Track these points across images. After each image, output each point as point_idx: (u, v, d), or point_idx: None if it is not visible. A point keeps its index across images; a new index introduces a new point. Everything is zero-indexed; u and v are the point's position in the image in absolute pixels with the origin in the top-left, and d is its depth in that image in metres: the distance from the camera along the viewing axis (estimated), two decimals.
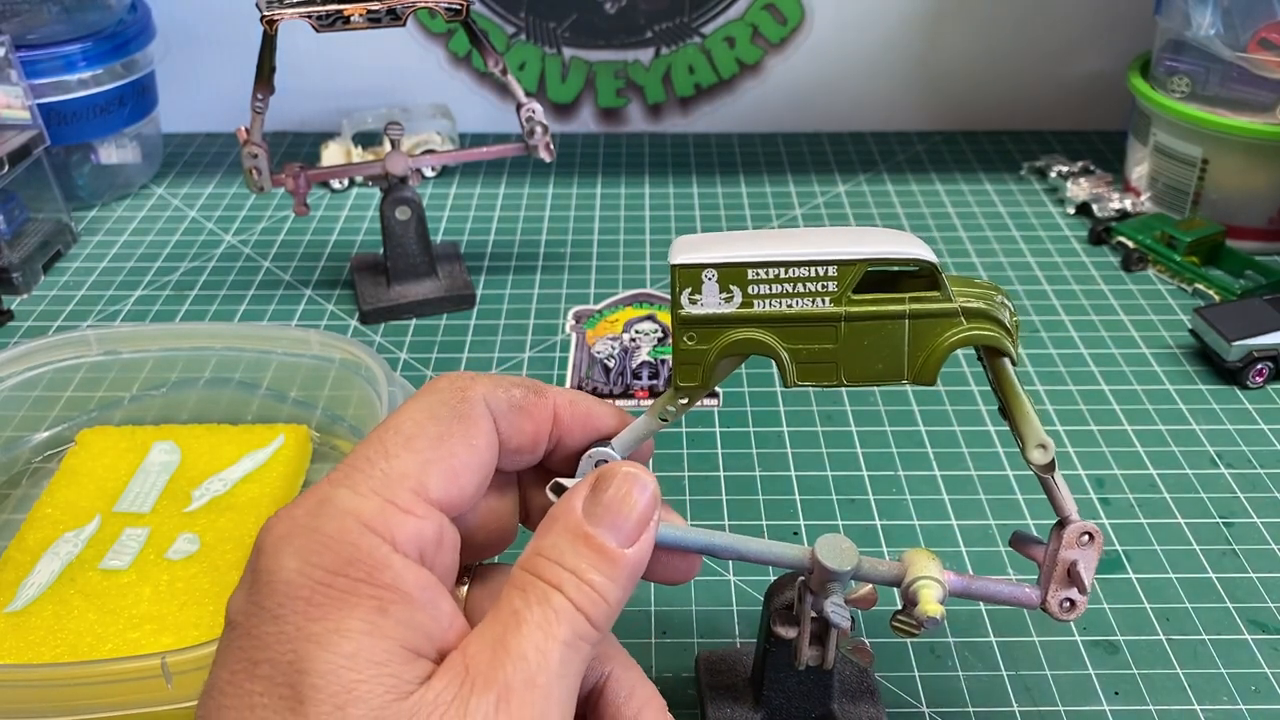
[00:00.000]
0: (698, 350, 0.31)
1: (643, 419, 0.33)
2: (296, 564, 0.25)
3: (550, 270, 0.76)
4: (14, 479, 0.56)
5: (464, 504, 0.29)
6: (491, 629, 0.27)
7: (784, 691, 0.40)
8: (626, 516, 0.29)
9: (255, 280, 0.74)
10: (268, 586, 0.25)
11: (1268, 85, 0.72)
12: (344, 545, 0.26)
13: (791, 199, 0.85)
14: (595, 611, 0.28)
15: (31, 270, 0.74)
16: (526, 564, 0.28)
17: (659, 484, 0.30)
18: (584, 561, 0.28)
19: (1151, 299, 0.71)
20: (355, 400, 0.56)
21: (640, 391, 0.63)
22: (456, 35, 0.92)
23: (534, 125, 0.68)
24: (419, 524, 0.27)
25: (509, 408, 0.31)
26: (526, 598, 0.27)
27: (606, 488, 0.29)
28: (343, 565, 0.25)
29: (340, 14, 0.60)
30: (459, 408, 0.30)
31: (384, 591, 0.25)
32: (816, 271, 0.30)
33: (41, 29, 0.79)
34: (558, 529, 0.29)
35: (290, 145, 0.93)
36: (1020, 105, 0.95)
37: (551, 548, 0.28)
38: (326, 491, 0.27)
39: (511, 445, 0.31)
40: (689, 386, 0.32)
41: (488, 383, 0.31)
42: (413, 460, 0.28)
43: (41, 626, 0.46)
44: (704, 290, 0.30)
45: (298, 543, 0.26)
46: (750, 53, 0.93)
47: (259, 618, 0.25)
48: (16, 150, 0.72)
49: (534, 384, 0.32)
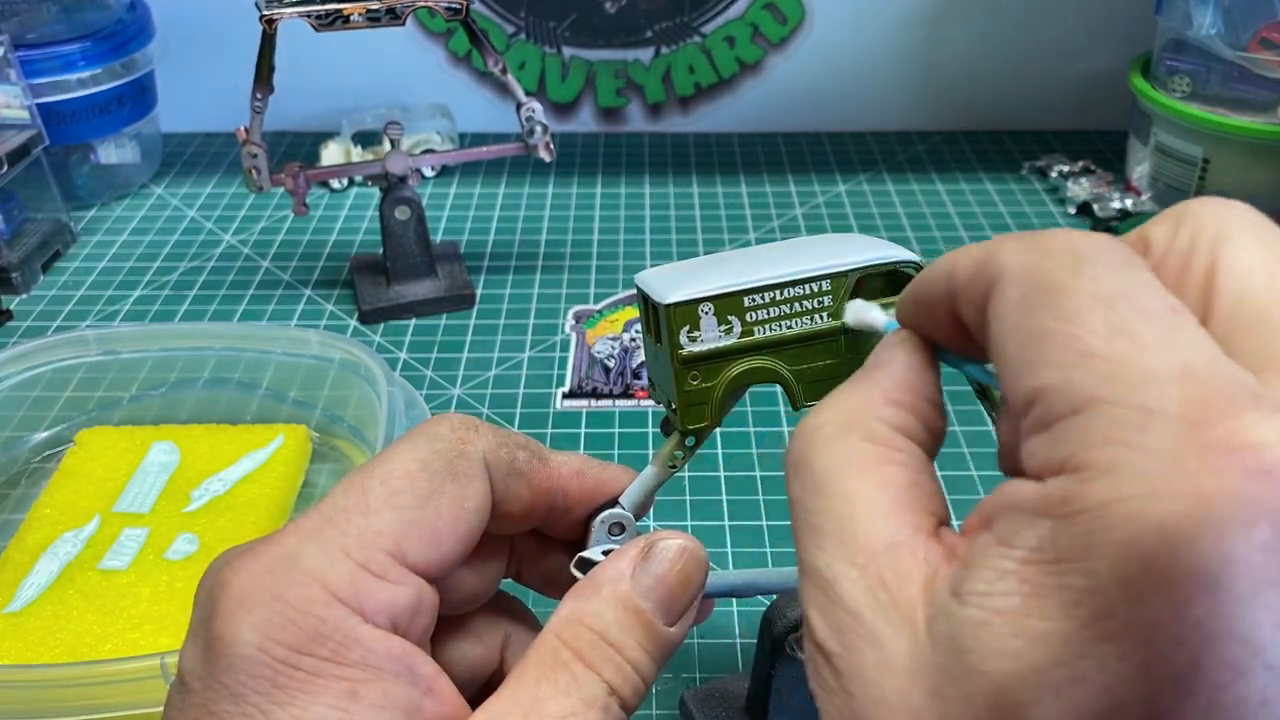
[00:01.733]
0: (703, 389, 0.30)
1: (650, 470, 0.31)
2: (256, 638, 0.23)
3: (550, 270, 0.75)
4: (13, 479, 0.56)
5: (445, 569, 0.26)
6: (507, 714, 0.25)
7: (789, 713, 0.40)
8: (678, 593, 0.27)
9: (254, 280, 0.74)
10: (225, 660, 0.23)
11: (1268, 85, 0.72)
12: (308, 619, 0.23)
13: (792, 199, 0.85)
14: (631, 695, 0.25)
15: (30, 270, 0.74)
16: (563, 633, 0.26)
17: None
18: (630, 638, 0.26)
19: None
20: (355, 400, 0.56)
21: (640, 391, 0.63)
22: (456, 35, 0.92)
23: (534, 125, 0.67)
24: (392, 591, 0.25)
25: (509, 470, 0.28)
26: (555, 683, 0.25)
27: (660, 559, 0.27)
28: (307, 643, 0.23)
29: (340, 13, 0.60)
30: (455, 463, 0.27)
31: (353, 671, 0.24)
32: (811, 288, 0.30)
33: (40, 28, 0.79)
34: (603, 597, 0.26)
35: (290, 145, 0.93)
36: (1021, 104, 0.95)
37: (595, 616, 0.26)
38: (294, 547, 0.25)
39: (503, 510, 0.28)
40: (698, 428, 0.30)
41: (491, 439, 0.28)
42: (394, 518, 0.25)
43: (40, 627, 0.45)
44: (702, 325, 0.29)
45: (259, 613, 0.23)
46: (751, 52, 0.93)
47: (216, 691, 0.23)
48: (15, 150, 0.72)
49: (539, 449, 0.29)
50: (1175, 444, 0.16)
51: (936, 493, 0.21)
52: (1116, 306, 0.17)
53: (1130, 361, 0.17)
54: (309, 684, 0.23)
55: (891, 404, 0.22)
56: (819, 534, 0.20)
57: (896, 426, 0.22)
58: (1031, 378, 0.18)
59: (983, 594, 0.17)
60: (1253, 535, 0.15)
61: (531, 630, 0.31)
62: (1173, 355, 0.17)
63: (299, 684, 0.23)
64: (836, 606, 0.19)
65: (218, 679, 0.23)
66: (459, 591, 0.29)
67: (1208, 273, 0.19)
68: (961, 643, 0.17)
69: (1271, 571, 0.15)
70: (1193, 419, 0.16)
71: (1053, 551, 0.16)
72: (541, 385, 0.64)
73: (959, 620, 0.17)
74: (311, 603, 0.24)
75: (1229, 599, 0.15)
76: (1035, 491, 0.17)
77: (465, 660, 0.30)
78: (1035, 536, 0.17)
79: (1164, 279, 0.19)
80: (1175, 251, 0.20)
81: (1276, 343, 0.18)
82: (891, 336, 0.24)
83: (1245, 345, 0.18)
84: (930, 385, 0.23)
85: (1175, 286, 0.19)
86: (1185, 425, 0.16)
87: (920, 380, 0.23)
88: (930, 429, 0.22)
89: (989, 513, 0.18)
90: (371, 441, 0.52)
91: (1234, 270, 0.19)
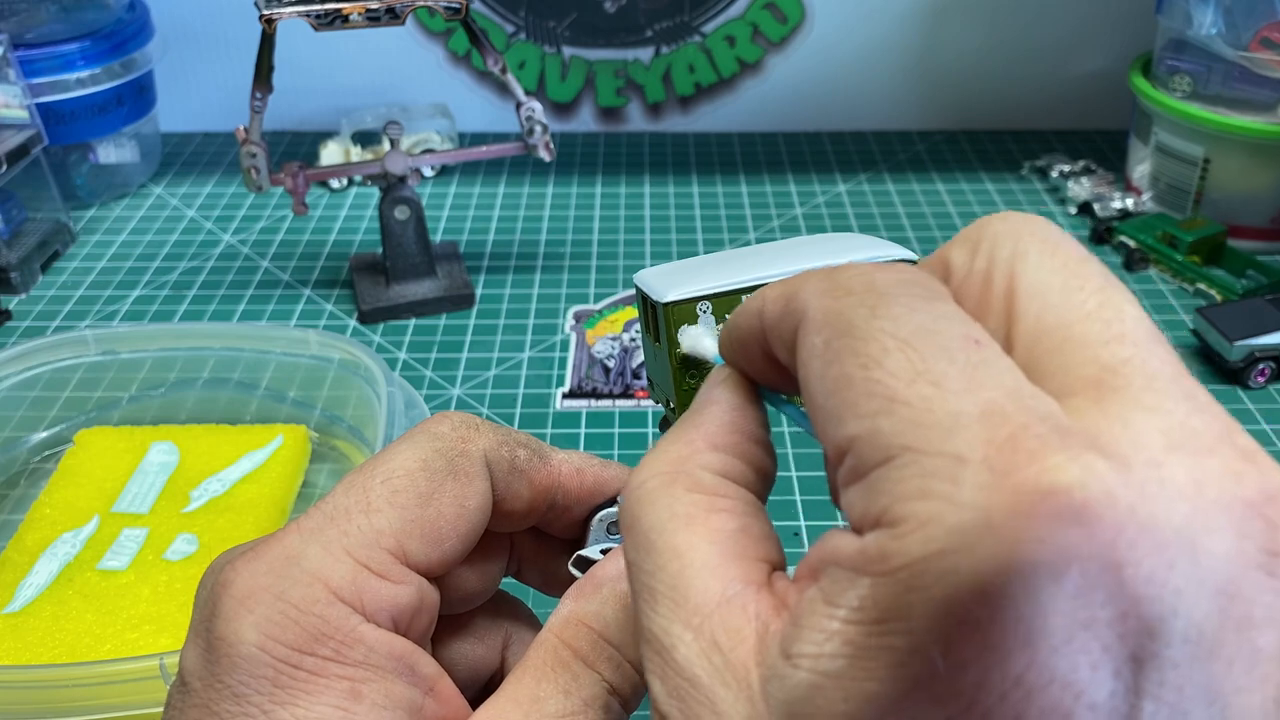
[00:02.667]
0: None
1: None
2: (258, 638, 0.23)
3: (550, 270, 0.75)
4: (12, 479, 0.56)
5: (445, 567, 0.26)
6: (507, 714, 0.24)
7: None
8: None
9: (254, 280, 0.74)
10: (227, 659, 0.23)
11: (1269, 84, 0.71)
12: (310, 618, 0.23)
13: (792, 199, 0.85)
14: (632, 696, 0.25)
15: (30, 270, 0.74)
16: (563, 632, 0.26)
17: None
18: (630, 637, 0.25)
19: (1153, 299, 0.71)
20: (354, 400, 0.56)
21: (640, 391, 0.62)
22: (456, 34, 0.92)
23: (533, 124, 0.67)
24: (394, 590, 0.25)
25: (510, 469, 0.28)
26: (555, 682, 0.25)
27: None
28: (309, 642, 0.23)
29: (339, 13, 0.60)
30: (456, 462, 0.27)
31: (355, 670, 0.23)
32: None
33: (39, 28, 0.79)
34: (603, 596, 0.26)
35: (289, 144, 0.93)
36: (1021, 104, 0.95)
37: (595, 616, 0.26)
38: (295, 546, 0.24)
39: (504, 508, 0.28)
40: None
41: (492, 438, 0.28)
42: (395, 517, 0.25)
43: (40, 627, 0.45)
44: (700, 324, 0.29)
45: (261, 612, 0.23)
46: (751, 52, 0.93)
47: (218, 691, 0.23)
48: (14, 150, 0.72)
49: (540, 447, 0.29)
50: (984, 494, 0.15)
51: (767, 536, 0.21)
52: (916, 346, 0.17)
53: (934, 405, 0.16)
54: (311, 683, 0.23)
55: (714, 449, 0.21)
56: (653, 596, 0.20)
57: (721, 472, 0.21)
58: (840, 427, 0.17)
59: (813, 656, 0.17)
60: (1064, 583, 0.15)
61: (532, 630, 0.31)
62: (975, 395, 0.16)
63: (301, 683, 0.23)
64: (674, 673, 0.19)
65: (219, 679, 0.23)
66: (460, 590, 0.29)
67: (1007, 294, 0.18)
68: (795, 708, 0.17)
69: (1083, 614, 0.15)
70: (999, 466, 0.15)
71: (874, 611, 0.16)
72: (541, 385, 0.63)
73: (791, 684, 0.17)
74: (314, 602, 0.24)
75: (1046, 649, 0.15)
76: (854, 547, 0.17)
77: (466, 660, 0.29)
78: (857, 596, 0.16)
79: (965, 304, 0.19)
80: (974, 273, 0.19)
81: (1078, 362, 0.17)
82: (715, 375, 0.23)
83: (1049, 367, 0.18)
84: (754, 423, 0.22)
85: (977, 311, 0.19)
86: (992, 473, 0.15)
87: (743, 420, 0.22)
88: (758, 470, 0.22)
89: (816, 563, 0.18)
90: (371, 442, 0.52)
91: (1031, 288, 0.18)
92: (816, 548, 0.18)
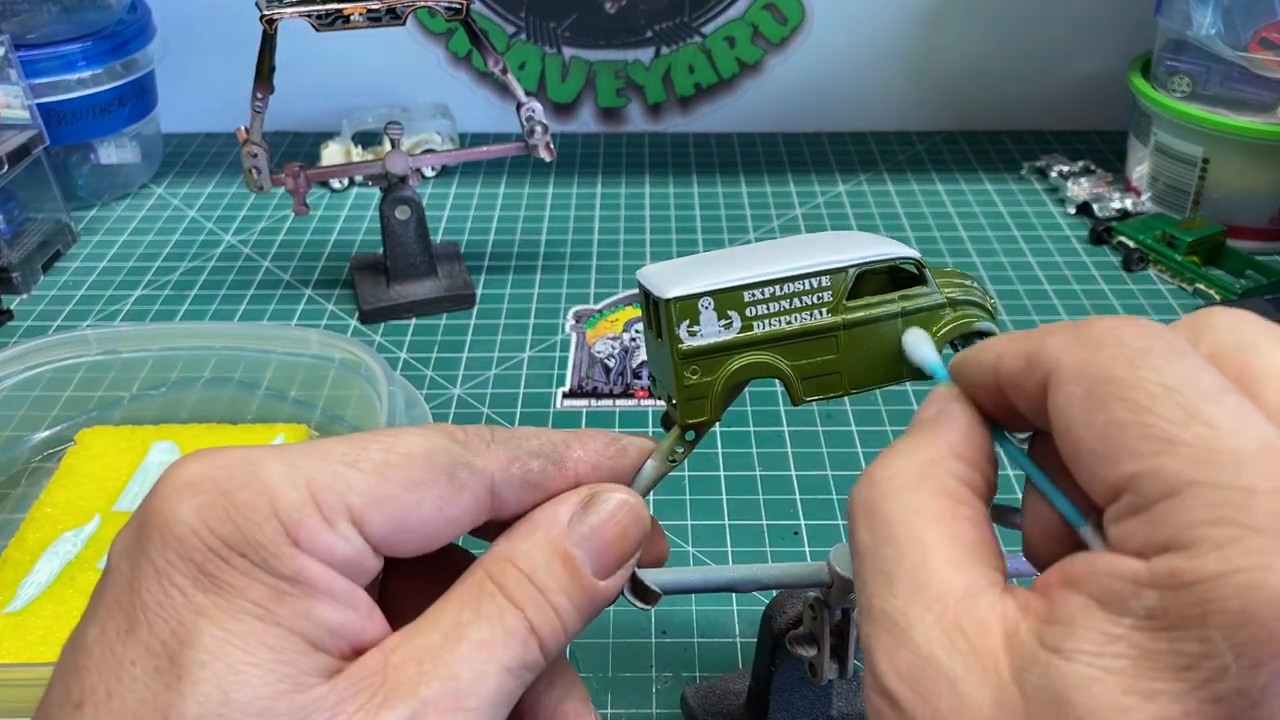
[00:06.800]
0: (703, 384, 0.30)
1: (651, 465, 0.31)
2: (193, 521, 0.23)
3: (550, 270, 0.75)
4: (13, 478, 0.56)
5: (396, 552, 0.25)
6: (425, 635, 0.24)
7: (790, 709, 0.40)
8: (613, 547, 0.27)
9: (255, 280, 0.74)
10: (159, 535, 0.23)
11: (1268, 85, 0.72)
12: (248, 524, 0.23)
13: (792, 199, 0.85)
14: (552, 640, 0.25)
15: (31, 270, 0.74)
16: (491, 567, 0.25)
17: None
18: (556, 582, 0.25)
19: (1152, 299, 0.71)
20: (355, 400, 0.56)
21: (640, 391, 0.63)
22: (456, 35, 0.92)
23: (534, 125, 0.67)
24: (331, 540, 0.24)
25: (521, 485, 0.27)
26: (477, 610, 0.24)
27: (599, 510, 0.27)
28: (242, 544, 0.23)
29: (340, 13, 0.60)
30: (458, 473, 0.26)
31: (281, 583, 0.23)
32: (810, 284, 0.30)
33: (41, 28, 0.79)
34: (536, 539, 0.26)
35: (290, 145, 0.93)
36: (1021, 105, 0.95)
37: (524, 556, 0.26)
38: (261, 457, 0.24)
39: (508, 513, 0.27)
40: (698, 422, 0.30)
41: (504, 458, 0.27)
42: (372, 484, 0.24)
43: (41, 626, 0.45)
44: (702, 320, 0.29)
45: (202, 499, 0.23)
46: (750, 52, 0.93)
47: (142, 570, 0.23)
48: (16, 150, 0.72)
49: (559, 454, 0.28)
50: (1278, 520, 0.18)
51: (999, 550, 0.22)
52: (1184, 392, 0.19)
53: (1213, 444, 0.18)
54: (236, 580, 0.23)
55: (959, 459, 0.24)
56: (890, 579, 0.21)
57: (965, 481, 0.23)
58: (1114, 467, 0.19)
59: (1092, 653, 0.18)
60: None
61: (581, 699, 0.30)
62: (1249, 435, 0.18)
63: (227, 577, 0.22)
64: (908, 651, 0.20)
65: (147, 555, 0.23)
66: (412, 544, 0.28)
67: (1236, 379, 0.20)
68: (1064, 695, 0.18)
69: None
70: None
71: (1164, 620, 0.18)
72: (542, 385, 0.64)
73: (1062, 674, 0.19)
74: (254, 509, 0.23)
75: None
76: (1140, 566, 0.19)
77: None
78: (1144, 607, 0.18)
79: None
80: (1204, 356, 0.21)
81: None
82: (946, 390, 0.26)
83: None
84: (989, 443, 0.24)
85: None
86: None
87: (980, 438, 0.24)
88: (990, 486, 0.24)
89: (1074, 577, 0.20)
90: None
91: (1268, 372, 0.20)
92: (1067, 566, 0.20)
